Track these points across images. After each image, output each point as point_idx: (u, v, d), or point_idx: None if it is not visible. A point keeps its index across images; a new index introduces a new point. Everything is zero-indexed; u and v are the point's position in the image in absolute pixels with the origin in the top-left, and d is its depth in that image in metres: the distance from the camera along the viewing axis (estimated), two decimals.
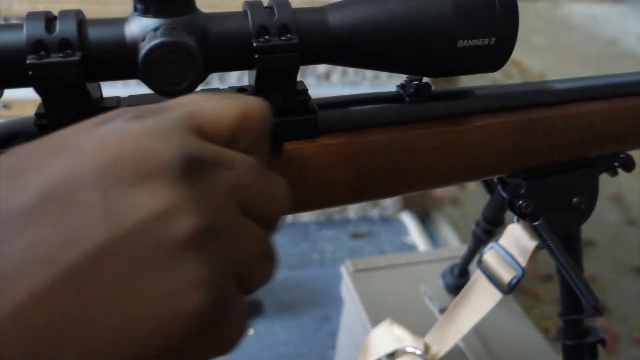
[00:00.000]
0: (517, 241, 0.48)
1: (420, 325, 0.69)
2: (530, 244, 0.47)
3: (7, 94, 0.32)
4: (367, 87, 1.48)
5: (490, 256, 0.50)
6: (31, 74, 0.28)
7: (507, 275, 0.49)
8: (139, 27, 0.29)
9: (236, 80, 1.36)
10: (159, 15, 0.29)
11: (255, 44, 0.31)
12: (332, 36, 0.33)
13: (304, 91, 0.35)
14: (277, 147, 0.35)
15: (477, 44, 0.35)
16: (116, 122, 0.23)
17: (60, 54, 0.28)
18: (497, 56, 0.36)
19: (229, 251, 0.23)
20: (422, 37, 0.34)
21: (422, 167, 0.39)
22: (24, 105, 1.18)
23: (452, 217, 1.80)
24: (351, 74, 1.46)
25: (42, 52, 0.28)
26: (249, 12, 0.32)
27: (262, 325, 1.20)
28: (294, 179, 0.36)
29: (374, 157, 0.37)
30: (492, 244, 0.51)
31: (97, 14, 1.06)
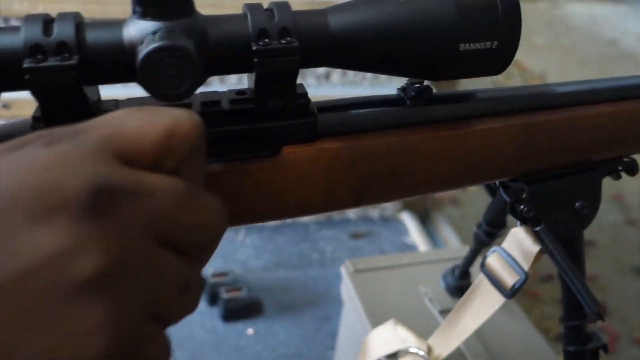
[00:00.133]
0: (520, 245, 0.48)
1: (420, 326, 0.69)
2: (533, 248, 0.47)
3: (7, 94, 0.31)
4: (367, 87, 1.47)
5: (493, 260, 0.50)
6: (28, 77, 0.28)
7: (510, 279, 0.49)
8: (137, 30, 0.29)
9: (236, 80, 1.35)
10: (157, 18, 0.29)
11: (255, 48, 0.31)
12: (332, 39, 0.33)
13: (304, 94, 0.35)
14: (275, 151, 0.35)
15: (479, 47, 0.34)
16: (27, 149, 0.22)
17: (57, 58, 0.28)
18: (499, 60, 0.35)
19: (139, 288, 0.22)
20: (423, 40, 0.33)
21: (423, 171, 0.38)
22: (24, 105, 1.18)
23: (452, 217, 1.80)
24: (351, 74, 1.46)
25: (40, 55, 0.28)
26: (249, 15, 0.31)
27: (262, 325, 1.20)
28: (293, 183, 0.35)
29: (374, 161, 0.37)
30: (495, 248, 0.50)
31: (97, 14, 1.05)
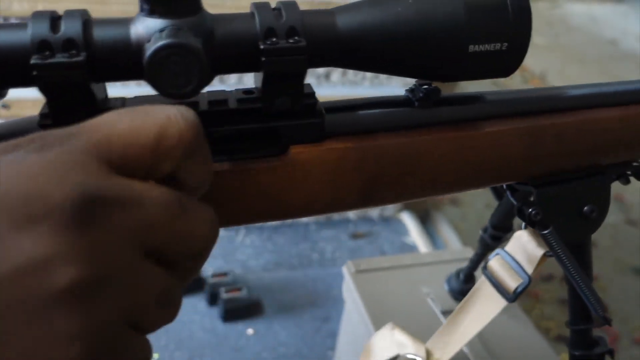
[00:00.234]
0: (524, 248, 0.47)
1: (422, 327, 0.68)
2: (537, 251, 0.47)
3: (7, 93, 0.31)
4: (367, 86, 1.47)
5: (495, 262, 0.50)
6: (35, 73, 0.28)
7: (512, 282, 0.48)
8: (144, 27, 0.29)
9: (236, 80, 1.35)
10: (165, 15, 0.29)
11: (262, 47, 0.31)
12: (340, 39, 0.33)
13: (311, 94, 0.35)
14: (283, 151, 0.35)
15: (488, 49, 0.34)
16: (19, 154, 0.22)
17: (65, 54, 0.28)
18: (509, 62, 0.35)
19: (117, 300, 0.22)
20: (432, 41, 0.33)
21: (430, 173, 0.38)
22: (24, 105, 1.17)
23: (452, 217, 1.80)
24: (351, 74, 1.46)
25: (47, 52, 0.28)
26: (257, 14, 0.31)
27: (262, 325, 1.20)
28: (300, 183, 0.35)
29: (381, 162, 0.37)
30: (498, 250, 0.50)
31: (98, 13, 1.04)
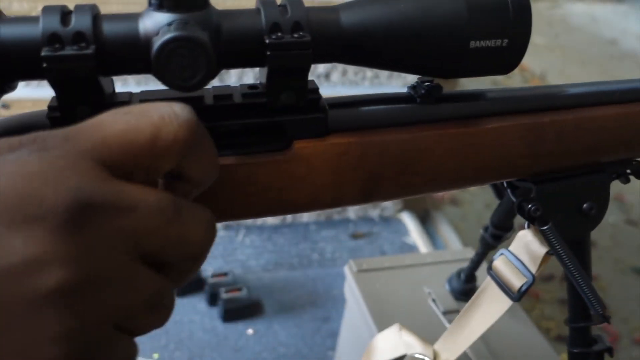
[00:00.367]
0: (527, 247, 0.48)
1: (423, 326, 0.69)
2: (540, 250, 0.47)
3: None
4: (367, 86, 1.47)
5: (500, 262, 0.50)
6: (45, 66, 0.28)
7: (517, 281, 0.48)
8: (152, 21, 0.29)
9: (236, 80, 1.35)
10: (172, 10, 0.29)
11: (267, 41, 0.31)
12: (343, 35, 0.33)
13: (315, 90, 0.35)
14: (286, 145, 0.35)
15: (489, 45, 0.34)
16: (20, 153, 0.22)
17: (74, 47, 0.29)
18: (509, 58, 0.35)
19: (105, 303, 0.22)
20: (434, 37, 0.34)
21: (432, 169, 0.38)
22: (24, 105, 1.17)
23: (452, 217, 1.80)
24: (351, 74, 1.46)
25: (57, 44, 0.28)
26: (262, 9, 0.32)
27: (262, 325, 1.20)
28: (303, 178, 0.36)
29: (383, 158, 0.37)
30: (502, 250, 0.50)
31: None
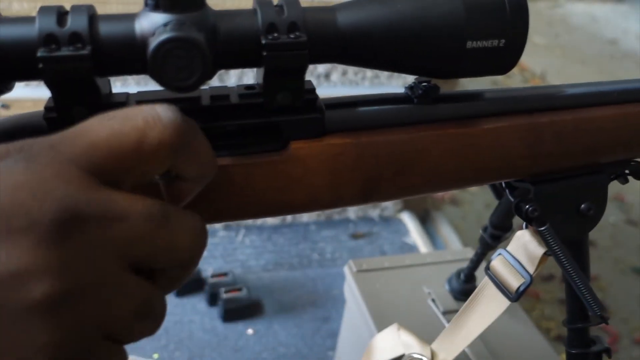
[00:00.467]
0: (525, 248, 0.47)
1: (423, 326, 0.69)
2: (538, 250, 0.46)
3: (7, 94, 0.32)
4: (367, 86, 1.47)
5: (498, 263, 0.50)
6: (41, 66, 0.28)
7: (515, 282, 0.48)
8: (149, 22, 0.29)
9: (236, 80, 1.35)
10: (169, 10, 0.29)
11: (264, 41, 0.31)
12: (340, 35, 0.33)
13: (312, 90, 0.35)
14: (283, 146, 0.35)
15: (486, 45, 0.34)
16: (8, 162, 0.22)
17: (70, 48, 0.29)
18: (506, 58, 0.36)
19: (92, 313, 0.22)
20: (431, 37, 0.34)
21: (429, 170, 0.38)
22: (24, 105, 1.17)
23: (452, 217, 1.80)
24: (351, 74, 1.45)
25: (53, 45, 0.28)
26: (259, 10, 0.32)
27: (262, 325, 1.20)
28: (300, 178, 0.35)
29: (380, 159, 0.37)
30: (500, 251, 0.50)
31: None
